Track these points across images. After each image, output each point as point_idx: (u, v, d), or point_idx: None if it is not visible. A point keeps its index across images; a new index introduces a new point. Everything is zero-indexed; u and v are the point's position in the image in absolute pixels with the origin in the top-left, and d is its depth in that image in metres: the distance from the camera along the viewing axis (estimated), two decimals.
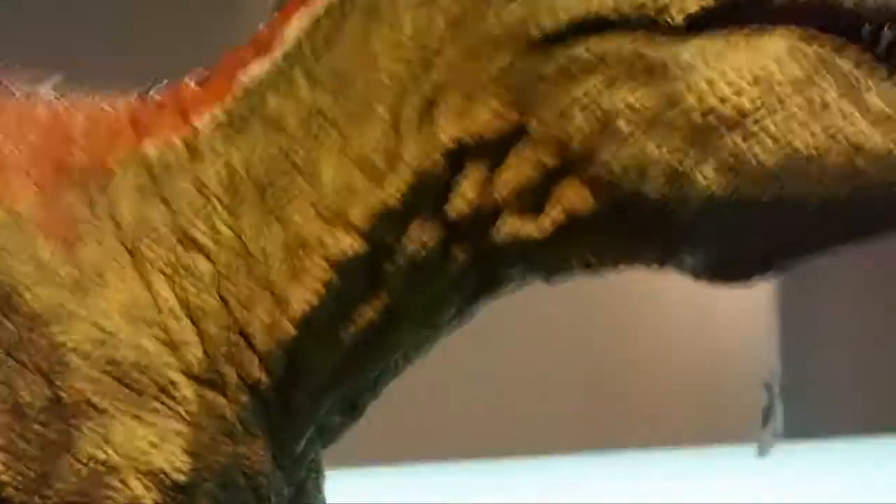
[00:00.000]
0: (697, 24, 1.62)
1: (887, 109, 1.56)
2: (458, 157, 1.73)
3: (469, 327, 1.88)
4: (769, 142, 1.57)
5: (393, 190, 1.77)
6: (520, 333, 16.23)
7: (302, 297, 1.83)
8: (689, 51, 1.60)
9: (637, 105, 1.59)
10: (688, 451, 6.82)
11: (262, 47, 1.91)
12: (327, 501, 2.12)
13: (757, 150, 1.59)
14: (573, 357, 14.99)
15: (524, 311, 7.81)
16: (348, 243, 1.81)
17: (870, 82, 1.57)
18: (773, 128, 1.57)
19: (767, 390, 8.88)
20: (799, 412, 5.22)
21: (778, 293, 17.99)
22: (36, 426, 1.92)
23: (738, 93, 1.57)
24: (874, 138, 1.55)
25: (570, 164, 1.67)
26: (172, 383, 1.83)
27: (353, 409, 1.95)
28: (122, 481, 1.86)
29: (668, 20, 1.63)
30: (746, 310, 17.54)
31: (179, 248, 1.87)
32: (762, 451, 5.32)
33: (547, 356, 15.75)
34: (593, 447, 7.26)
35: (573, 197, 1.68)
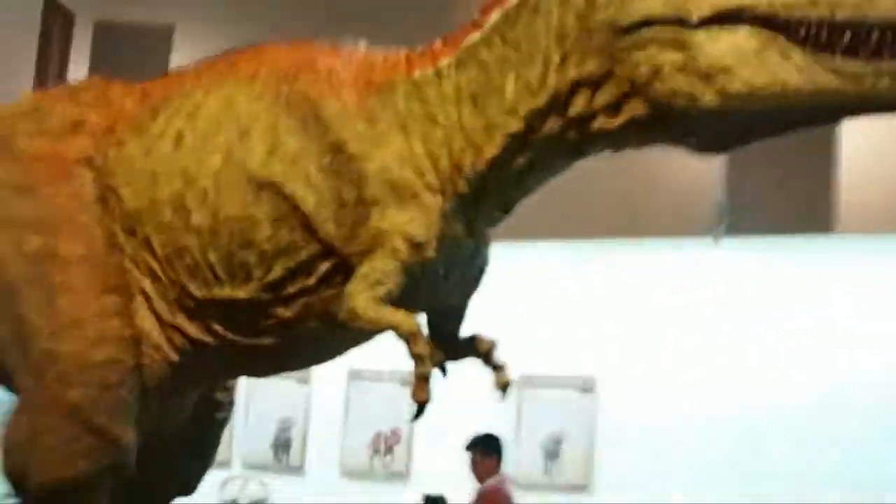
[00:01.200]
0: (705, 22, 2.85)
1: (802, 64, 2.74)
2: (577, 86, 3.04)
3: None
4: (740, 79, 2.79)
5: (542, 100, 3.08)
6: None
7: (490, 150, 3.16)
8: (700, 36, 2.82)
9: (673, 60, 2.84)
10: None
11: (476, 24, 3.26)
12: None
13: (735, 83, 2.84)
14: None
15: None
16: (517, 126, 3.14)
17: (794, 52, 2.77)
18: (743, 72, 2.80)
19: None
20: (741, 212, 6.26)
21: None
22: (349, 210, 3.29)
23: (724, 56, 2.79)
24: (797, 78, 2.78)
25: (635, 90, 2.94)
26: (417, 193, 3.18)
27: (507, 209, 3.43)
28: (392, 238, 3.16)
29: (689, 19, 2.88)
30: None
31: (427, 124, 3.22)
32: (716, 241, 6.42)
33: None
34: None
35: (636, 107, 2.93)
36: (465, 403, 8.14)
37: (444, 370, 3.25)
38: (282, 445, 9.29)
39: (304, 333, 3.45)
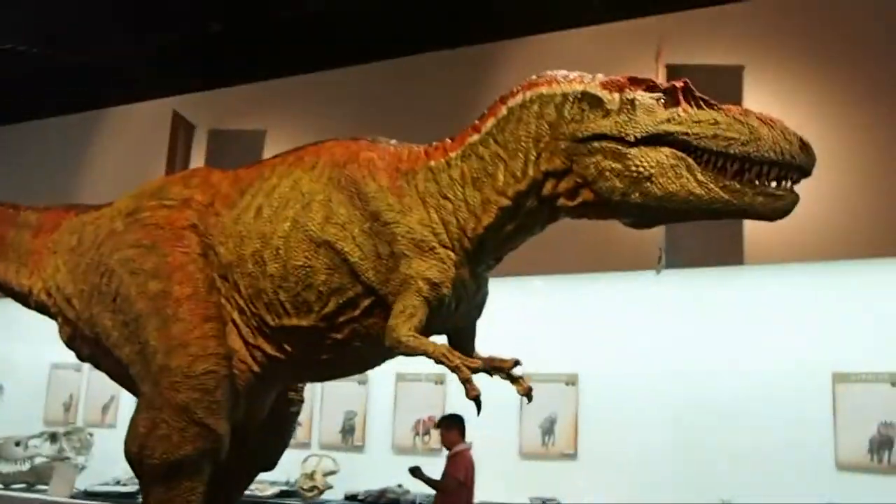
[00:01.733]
0: (638, 141, 3.03)
1: (703, 179, 3.00)
2: (547, 175, 3.21)
3: None
4: (658, 186, 3.02)
5: (524, 185, 3.26)
6: None
7: (487, 219, 3.29)
8: (633, 151, 3.06)
9: (613, 167, 3.07)
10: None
11: (478, 127, 3.39)
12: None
13: (654, 189, 3.01)
14: None
15: None
16: (506, 202, 3.24)
17: (696, 171, 3.00)
18: (661, 180, 3.02)
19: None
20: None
21: None
22: (384, 261, 3.32)
23: (649, 166, 3.02)
24: (698, 189, 3.00)
25: (586, 184, 3.12)
26: (433, 248, 3.31)
27: (499, 259, 3.49)
28: (416, 282, 3.24)
29: (628, 138, 3.05)
30: None
31: (441, 199, 3.38)
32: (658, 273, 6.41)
33: None
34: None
35: (587, 195, 3.17)
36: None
37: (489, 373, 3.34)
38: (348, 430, 9.27)
39: (351, 351, 3.53)
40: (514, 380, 3.47)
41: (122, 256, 3.71)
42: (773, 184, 3.00)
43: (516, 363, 3.53)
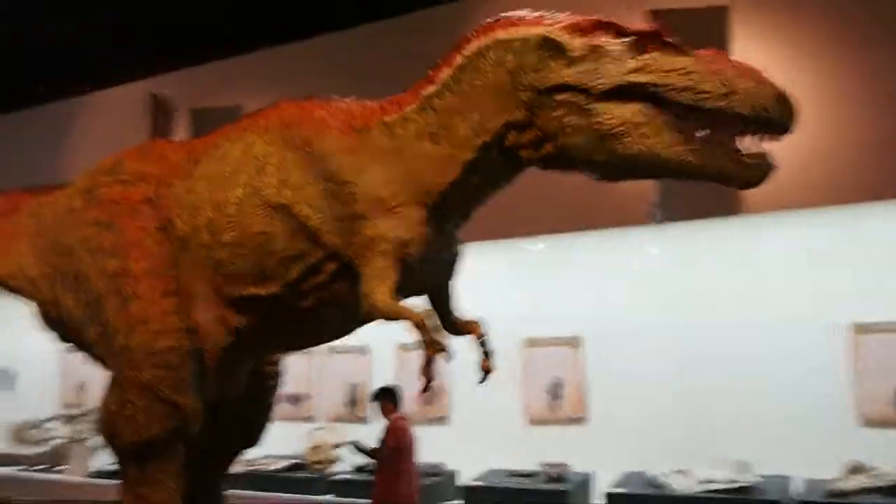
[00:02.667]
0: (605, 95, 2.82)
1: (672, 140, 2.79)
2: (508, 127, 2.94)
3: None
4: (623, 145, 2.83)
5: (486, 137, 3.04)
6: None
7: (452, 173, 3.07)
8: (599, 105, 2.84)
9: (576, 123, 2.86)
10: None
11: (432, 78, 3.23)
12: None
13: (619, 148, 2.79)
14: None
15: None
16: (468, 156, 3.05)
17: (667, 128, 2.80)
18: (626, 139, 2.82)
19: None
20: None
21: None
22: (345, 223, 3.19)
23: (616, 124, 2.82)
24: (666, 151, 2.80)
25: (547, 135, 2.92)
26: (395, 206, 3.14)
27: (467, 215, 3.36)
28: (381, 242, 3.07)
29: (593, 90, 2.84)
30: None
31: (397, 155, 3.19)
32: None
33: None
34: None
35: (549, 148, 2.97)
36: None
37: (446, 355, 3.21)
38: (351, 402, 9.22)
39: (320, 318, 3.47)
40: (485, 353, 3.50)
41: (81, 235, 3.62)
42: (750, 141, 2.84)
43: (481, 335, 3.55)
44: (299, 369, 9.54)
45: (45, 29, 9.44)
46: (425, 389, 3.07)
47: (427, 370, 2.99)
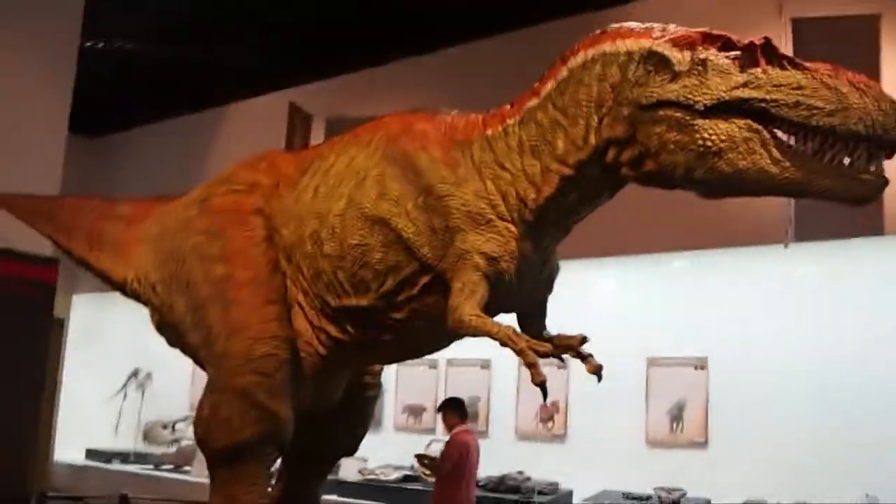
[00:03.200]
0: (708, 109, 2.73)
1: (779, 156, 2.67)
2: (609, 143, 2.98)
3: None
4: (727, 161, 2.72)
5: (585, 153, 3.01)
6: None
7: (548, 189, 3.06)
8: (701, 121, 2.74)
9: (677, 139, 2.78)
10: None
11: (537, 91, 3.18)
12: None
13: (722, 165, 2.71)
14: None
15: None
16: (567, 171, 3.03)
17: (771, 146, 2.68)
18: (730, 155, 2.72)
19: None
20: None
21: None
22: (439, 236, 3.18)
23: (719, 140, 2.72)
24: (772, 168, 2.69)
25: (648, 153, 2.84)
26: (490, 220, 3.14)
27: (566, 231, 3.31)
28: (472, 256, 3.08)
29: (697, 106, 2.75)
30: None
31: (497, 169, 3.20)
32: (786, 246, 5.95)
33: None
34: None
35: (650, 165, 2.87)
36: (605, 384, 8.06)
37: (560, 358, 3.21)
38: (471, 416, 9.09)
39: (413, 331, 3.47)
40: (584, 358, 3.31)
41: (193, 242, 3.78)
42: (862, 161, 2.65)
43: (584, 340, 3.36)
44: (421, 381, 9.72)
45: (192, 43, 9.98)
46: (544, 396, 2.98)
47: (535, 374, 2.86)
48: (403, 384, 9.75)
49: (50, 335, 6.77)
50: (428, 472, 8.21)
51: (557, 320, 8.37)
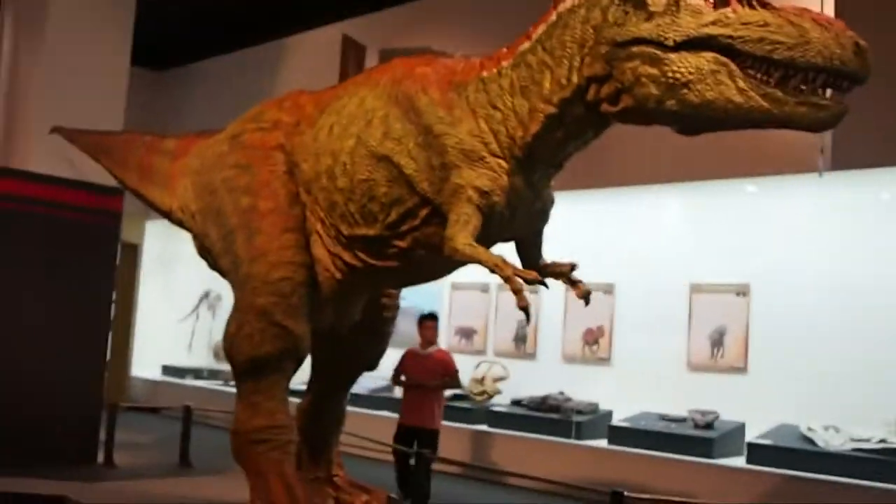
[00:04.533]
0: (678, 45, 2.95)
1: (744, 86, 2.88)
2: (589, 80, 3.15)
3: None
4: (695, 93, 2.94)
5: (568, 92, 3.25)
6: None
7: (534, 127, 3.32)
8: (672, 56, 2.98)
9: (650, 73, 3.02)
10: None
11: (529, 34, 3.42)
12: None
13: (691, 96, 2.93)
14: None
15: None
16: (552, 110, 3.28)
17: (738, 77, 2.89)
18: (698, 87, 2.94)
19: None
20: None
21: None
22: (437, 172, 3.49)
23: (687, 72, 2.94)
24: (738, 97, 2.90)
25: (624, 87, 3.08)
26: (483, 157, 3.40)
27: (559, 166, 3.56)
28: (466, 190, 3.36)
29: (667, 42, 2.97)
30: None
31: (490, 109, 3.44)
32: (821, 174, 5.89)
33: None
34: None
35: (627, 101, 3.12)
36: (648, 310, 8.30)
37: (544, 283, 3.39)
38: (520, 338, 9.57)
39: (417, 258, 3.75)
40: (573, 283, 3.59)
41: (224, 176, 4.15)
42: (821, 90, 2.83)
43: (573, 267, 3.64)
44: (474, 305, 10.08)
45: None
46: (528, 319, 3.24)
47: (520, 300, 3.08)
48: (456, 307, 10.18)
49: (118, 260, 7.31)
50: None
51: (607, 247, 8.57)
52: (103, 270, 7.05)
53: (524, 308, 3.11)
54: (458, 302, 10.16)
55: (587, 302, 3.54)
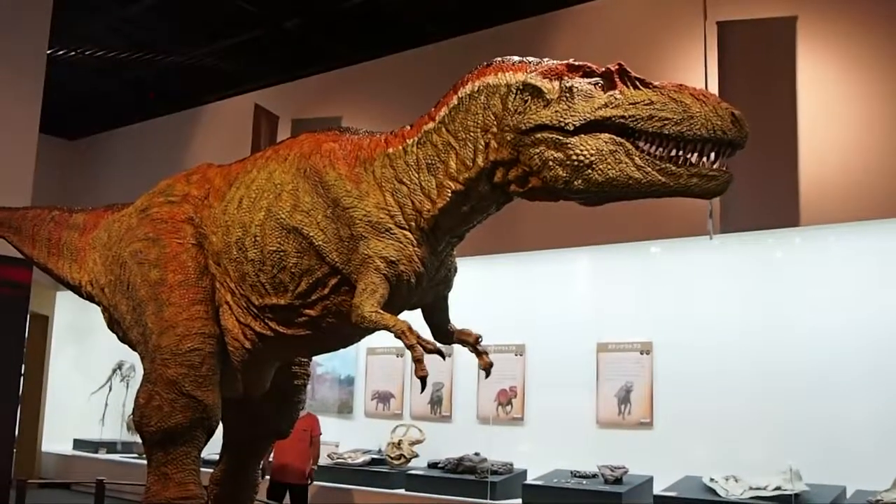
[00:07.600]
0: (577, 129, 3.14)
1: (641, 163, 3.10)
2: (496, 164, 3.35)
3: None
4: (598, 172, 3.14)
5: (474, 173, 3.44)
6: None
7: (440, 202, 3.48)
8: (573, 140, 3.18)
9: (555, 157, 3.22)
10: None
11: (432, 115, 3.58)
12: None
13: (595, 175, 3.13)
14: None
15: None
16: (458, 187, 3.45)
17: (635, 155, 3.11)
18: (601, 166, 3.14)
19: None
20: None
21: None
22: (345, 243, 3.58)
23: (589, 154, 3.15)
24: (636, 174, 3.12)
25: (532, 173, 3.26)
26: (389, 229, 3.51)
27: (461, 237, 3.71)
28: (374, 260, 3.48)
29: (567, 127, 3.16)
30: None
31: (396, 184, 3.57)
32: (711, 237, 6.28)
33: None
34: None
35: (535, 182, 3.32)
36: (558, 369, 8.52)
37: (441, 355, 3.48)
38: (436, 401, 9.63)
39: (326, 326, 3.83)
40: (479, 354, 3.74)
41: (133, 249, 4.19)
42: (710, 159, 3.05)
43: (478, 339, 3.80)
44: (390, 369, 10.14)
45: (168, 50, 10.33)
46: (423, 388, 3.33)
47: (419, 369, 3.19)
48: (372, 371, 10.23)
49: (27, 331, 7.18)
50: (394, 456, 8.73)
51: (518, 310, 8.72)
52: (12, 342, 6.94)
53: (422, 378, 3.22)
54: (375, 366, 10.22)
55: (488, 374, 3.70)
